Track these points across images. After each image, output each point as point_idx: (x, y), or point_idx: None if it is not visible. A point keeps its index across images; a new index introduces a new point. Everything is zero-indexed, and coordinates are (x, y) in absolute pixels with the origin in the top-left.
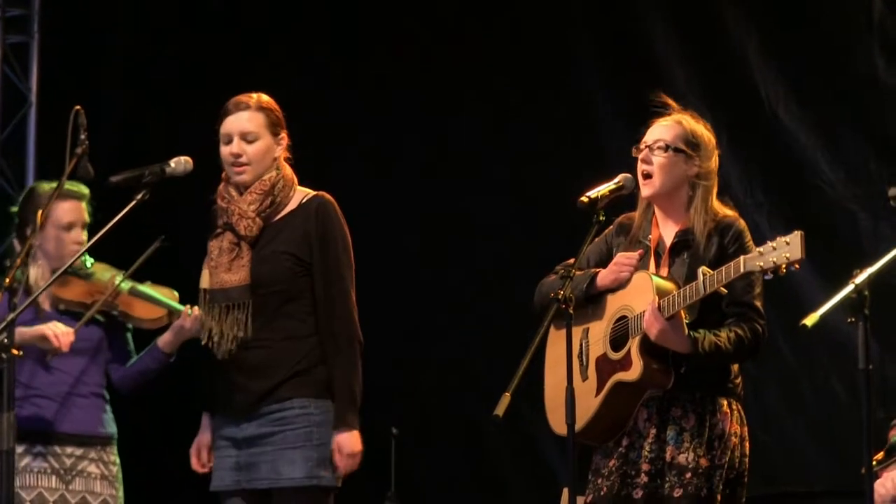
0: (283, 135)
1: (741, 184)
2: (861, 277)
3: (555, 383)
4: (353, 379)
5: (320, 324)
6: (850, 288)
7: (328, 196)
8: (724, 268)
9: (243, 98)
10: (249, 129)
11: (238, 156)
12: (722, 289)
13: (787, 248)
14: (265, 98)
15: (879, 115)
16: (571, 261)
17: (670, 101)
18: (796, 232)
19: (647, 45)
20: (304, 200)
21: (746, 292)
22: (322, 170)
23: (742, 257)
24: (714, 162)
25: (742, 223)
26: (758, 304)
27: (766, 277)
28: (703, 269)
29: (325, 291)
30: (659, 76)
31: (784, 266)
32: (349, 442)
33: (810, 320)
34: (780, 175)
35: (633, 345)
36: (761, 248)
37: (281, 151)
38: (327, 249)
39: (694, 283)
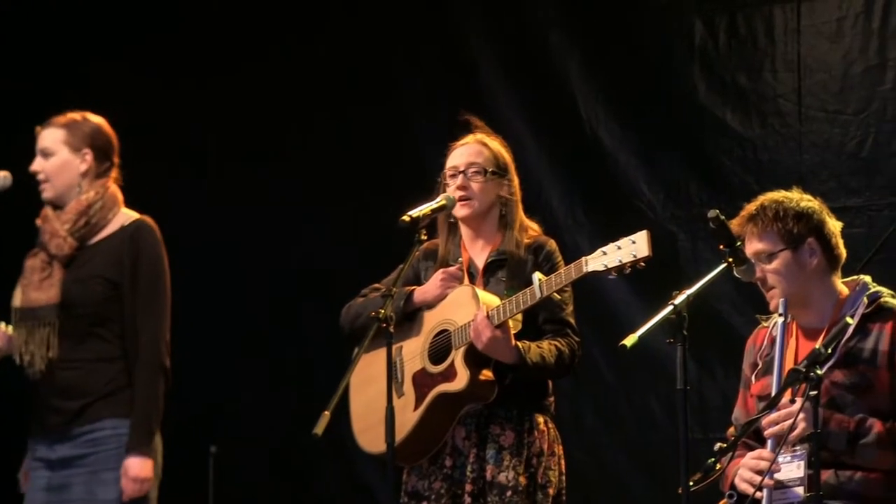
0: (87, 151)
1: (562, 204)
2: (680, 299)
3: (364, 402)
4: (150, 405)
5: (127, 346)
6: (669, 309)
7: (148, 220)
8: (563, 270)
9: (55, 117)
10: (46, 146)
11: (37, 173)
12: (556, 294)
13: (633, 247)
14: (77, 117)
15: (699, 137)
16: (378, 284)
17: (475, 120)
18: (642, 231)
19: (470, 68)
20: (124, 224)
21: (561, 309)
22: (156, 194)
23: (584, 258)
24: (516, 180)
25: (553, 244)
26: (572, 321)
27: (610, 277)
28: (537, 275)
29: (134, 315)
30: (481, 99)
31: (629, 264)
32: (137, 466)
33: (629, 341)
34: (600, 196)
35: (458, 356)
36: (605, 249)
37: (86, 168)
38: (138, 273)
39: (528, 289)
